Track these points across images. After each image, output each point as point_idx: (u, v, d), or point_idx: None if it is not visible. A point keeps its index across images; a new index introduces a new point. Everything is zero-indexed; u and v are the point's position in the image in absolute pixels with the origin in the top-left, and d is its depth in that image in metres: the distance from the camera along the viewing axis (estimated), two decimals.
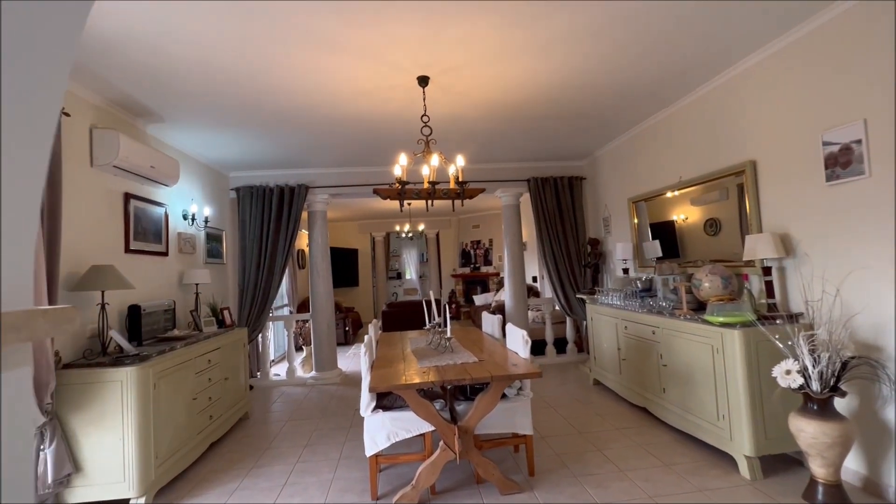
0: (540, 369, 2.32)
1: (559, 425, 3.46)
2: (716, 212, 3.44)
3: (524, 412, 2.64)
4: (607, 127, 4.27)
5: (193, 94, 3.04)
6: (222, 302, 4.76)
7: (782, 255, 2.68)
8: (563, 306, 5.40)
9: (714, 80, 3.22)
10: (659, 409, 3.31)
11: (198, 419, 3.10)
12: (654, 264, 4.23)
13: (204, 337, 3.41)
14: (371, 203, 8.12)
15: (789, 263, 2.73)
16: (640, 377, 3.57)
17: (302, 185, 5.15)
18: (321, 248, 5.38)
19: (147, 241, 3.47)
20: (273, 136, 3.99)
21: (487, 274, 10.16)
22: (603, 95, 3.44)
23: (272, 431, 3.68)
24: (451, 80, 3.01)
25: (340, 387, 5.02)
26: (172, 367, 2.82)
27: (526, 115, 3.79)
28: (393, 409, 2.55)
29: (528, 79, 3.06)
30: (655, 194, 4.09)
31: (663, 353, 3.22)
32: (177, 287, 3.89)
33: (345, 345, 7.73)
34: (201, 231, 4.40)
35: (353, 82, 2.97)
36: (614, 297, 4.04)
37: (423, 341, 3.42)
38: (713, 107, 3.31)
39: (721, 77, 3.17)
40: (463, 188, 2.79)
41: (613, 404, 3.87)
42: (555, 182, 5.43)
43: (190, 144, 4.09)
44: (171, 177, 3.54)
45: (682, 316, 3.06)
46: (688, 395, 2.95)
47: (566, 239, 5.38)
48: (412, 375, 2.38)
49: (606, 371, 4.19)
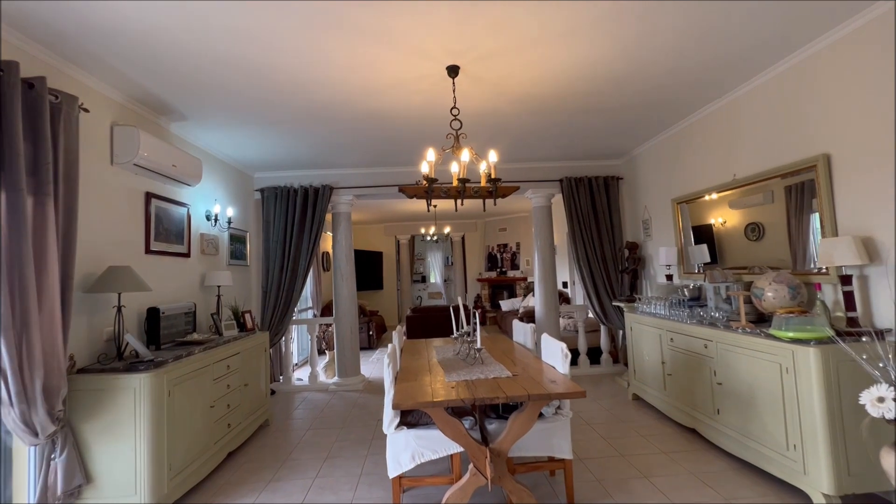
0: (583, 389, 2.06)
1: (598, 445, 3.16)
2: (758, 216, 3.24)
3: (563, 434, 2.38)
4: (650, 122, 3.96)
5: (216, 90, 2.93)
6: (244, 305, 4.68)
7: (865, 261, 2.32)
8: (598, 314, 5.07)
9: (778, 65, 2.89)
10: (712, 432, 2.97)
11: (215, 428, 2.97)
12: (700, 270, 3.88)
13: (224, 341, 3.29)
14: (396, 205, 7.98)
15: (874, 271, 2.38)
16: (688, 395, 3.23)
17: (326, 185, 5.03)
18: (345, 251, 5.24)
19: (169, 242, 3.39)
20: (297, 134, 3.87)
21: (514, 278, 9.86)
22: (651, 85, 3.15)
23: (292, 441, 3.53)
24: (483, 70, 2.79)
25: (363, 394, 4.85)
26: (189, 374, 2.69)
27: (562, 109, 3.53)
28: (418, 427, 2.34)
29: (567, 67, 2.81)
30: (704, 194, 3.74)
31: (717, 369, 2.89)
32: (198, 289, 3.81)
33: (368, 349, 7.59)
34: (224, 232, 4.32)
35: (380, 74, 2.80)
36: (658, 305, 3.71)
37: (450, 350, 3.20)
38: (777, 95, 2.96)
39: (786, 62, 2.83)
40: (496, 186, 2.56)
41: (657, 423, 3.54)
42: (589, 182, 5.12)
43: (213, 143, 4.02)
44: (194, 176, 3.46)
45: (741, 329, 2.73)
46: (749, 418, 2.62)
47: (601, 242, 5.06)
48: (439, 391, 2.16)
49: (648, 386, 3.85)
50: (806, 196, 2.81)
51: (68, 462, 2.23)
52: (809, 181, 2.76)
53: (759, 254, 3.24)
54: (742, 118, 3.29)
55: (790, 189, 2.93)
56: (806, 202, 2.82)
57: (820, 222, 2.63)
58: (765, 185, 3.14)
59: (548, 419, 2.39)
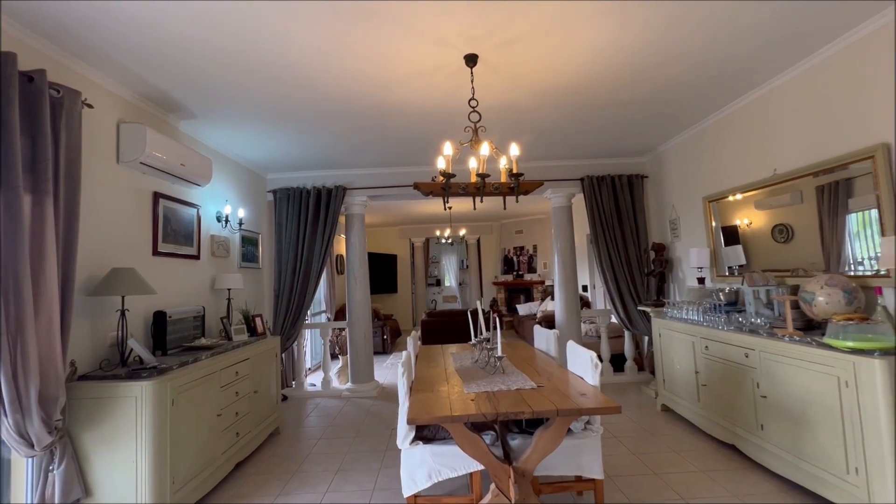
0: (617, 404, 1.85)
1: (628, 462, 2.93)
2: (785, 216, 3.12)
3: (593, 451, 2.17)
4: (680, 115, 3.72)
5: (227, 86, 2.82)
6: (256, 308, 4.57)
7: None
8: (622, 319, 4.82)
9: (825, 48, 2.64)
10: (755, 450, 2.72)
11: (222, 437, 2.84)
12: (735, 273, 3.62)
13: (233, 346, 3.17)
14: (410, 206, 7.85)
15: None
16: (726, 408, 2.98)
17: (339, 186, 4.91)
18: (359, 253, 5.11)
19: (177, 244, 3.29)
20: (310, 131, 3.75)
21: (531, 282, 9.62)
22: (683, 75, 2.93)
23: (303, 451, 3.38)
24: (503, 59, 2.62)
25: (377, 401, 4.69)
26: (195, 381, 2.56)
27: (586, 102, 3.33)
28: (435, 442, 2.16)
29: (593, 55, 2.61)
30: (739, 191, 3.48)
31: (761, 381, 2.64)
32: (208, 292, 3.71)
33: (382, 353, 7.45)
34: (236, 234, 4.22)
35: (395, 65, 2.65)
36: (690, 310, 3.46)
37: (467, 358, 3.02)
38: (824, 83, 2.72)
39: (835, 44, 2.59)
40: (517, 182, 2.37)
41: (690, 437, 3.29)
42: (612, 181, 4.89)
43: (224, 142, 3.93)
44: (204, 176, 3.36)
45: (788, 337, 2.49)
46: (800, 436, 2.37)
47: (625, 244, 4.82)
48: (458, 404, 1.98)
49: (679, 397, 3.60)
50: (841, 196, 2.67)
51: (66, 474, 2.11)
52: (845, 180, 2.62)
53: (788, 256, 3.09)
54: (783, 109, 3.05)
55: (822, 189, 2.80)
56: (841, 202, 2.67)
57: (879, 219, 2.38)
58: (793, 184, 3.00)
59: (576, 435, 2.18)
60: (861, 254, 2.56)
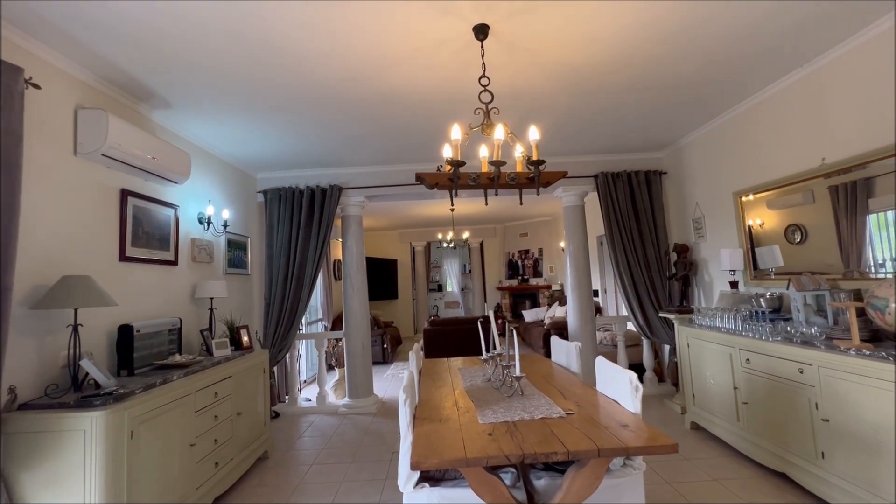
0: (674, 441, 1.49)
1: (665, 495, 2.56)
2: (798, 217, 3.05)
3: (635, 494, 1.80)
4: (708, 102, 3.37)
5: (204, 70, 2.47)
6: (244, 319, 4.20)
7: None
8: (641, 327, 4.45)
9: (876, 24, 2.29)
10: (812, 481, 2.35)
11: (197, 470, 2.47)
12: (771, 276, 3.26)
13: (213, 363, 2.81)
14: (411, 208, 7.49)
15: None
16: (775, 431, 2.61)
17: (334, 185, 4.56)
18: (356, 258, 4.75)
19: (150, 248, 2.93)
20: (301, 124, 3.40)
21: (537, 287, 9.25)
22: (717, 55, 2.59)
23: (293, 480, 3.01)
24: (517, 31, 2.27)
25: (376, 417, 4.31)
26: (162, 406, 2.19)
27: (605, 86, 2.98)
28: (444, 483, 1.79)
29: (620, 26, 2.27)
30: (780, 184, 3.13)
31: (821, 402, 2.27)
32: (188, 302, 3.34)
33: (382, 363, 7.07)
34: (220, 237, 3.87)
35: (392, 40, 2.30)
36: (725, 317, 3.09)
37: (478, 375, 2.65)
38: (880, 58, 2.37)
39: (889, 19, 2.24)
40: (538, 170, 2.01)
41: (730, 462, 2.91)
42: (628, 177, 4.54)
43: (207, 137, 3.58)
44: (180, 172, 3.01)
45: (855, 350, 2.12)
46: (875, 468, 2.00)
47: (643, 245, 4.46)
48: (474, 440, 1.61)
49: (714, 415, 3.22)
50: (860, 196, 2.60)
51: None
52: (863, 180, 2.56)
53: (802, 258, 3.02)
54: (830, 91, 2.70)
55: (835, 189, 2.75)
56: (860, 203, 2.60)
57: None
58: (805, 185, 2.94)
59: (614, 473, 1.81)
60: (882, 255, 2.48)
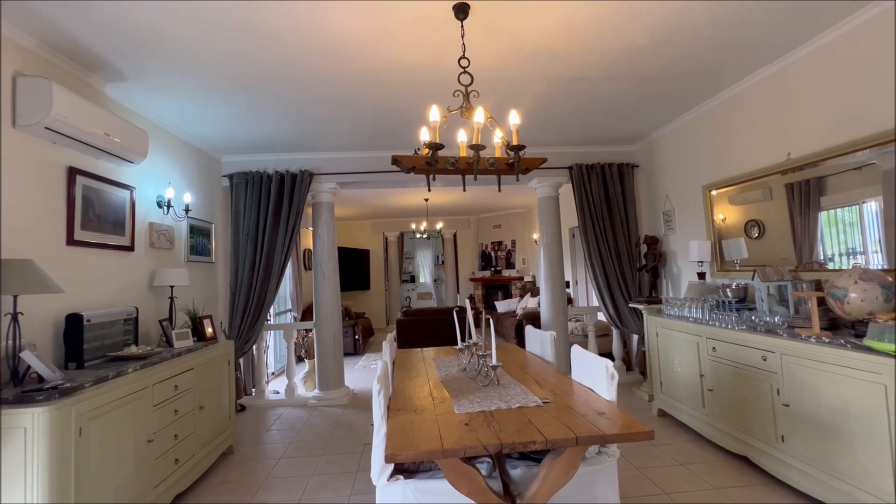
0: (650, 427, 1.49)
1: (634, 480, 2.61)
2: (757, 213, 3.21)
3: (609, 480, 1.81)
4: (682, 95, 3.42)
5: (160, 40, 2.29)
6: (207, 308, 4.01)
7: None
8: (612, 317, 4.54)
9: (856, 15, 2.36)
10: (772, 463, 2.44)
11: (155, 467, 2.33)
12: (736, 267, 3.37)
13: (173, 354, 2.65)
14: (384, 197, 7.36)
15: None
16: (738, 416, 2.70)
17: (305, 171, 4.39)
18: (327, 247, 4.61)
19: (103, 232, 2.72)
20: (270, 104, 3.23)
21: (510, 278, 9.32)
22: (690, 50, 2.61)
23: (260, 474, 2.90)
24: (498, 14, 2.21)
25: (347, 409, 4.23)
26: (115, 402, 2.04)
27: (585, 75, 2.96)
28: (419, 475, 1.74)
29: (597, 16, 2.24)
30: (746, 178, 3.22)
31: (783, 387, 2.36)
32: (145, 290, 3.14)
33: (354, 355, 6.96)
34: (182, 221, 3.65)
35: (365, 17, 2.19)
36: (693, 307, 3.17)
37: (453, 365, 2.61)
38: (847, 56, 2.44)
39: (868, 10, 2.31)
40: (518, 156, 1.97)
41: (695, 448, 3.00)
42: (602, 169, 4.58)
43: (168, 115, 3.35)
44: (136, 151, 2.80)
45: (815, 338, 2.21)
46: (833, 451, 2.09)
47: (615, 237, 4.53)
48: (451, 430, 1.57)
49: (680, 402, 3.32)
50: (812, 194, 2.75)
51: None
52: (816, 179, 2.72)
53: (761, 252, 3.18)
54: (800, 86, 2.77)
55: (791, 187, 2.89)
56: (813, 200, 2.75)
57: None
58: (764, 181, 3.09)
59: (589, 461, 1.81)
60: (831, 249, 2.66)
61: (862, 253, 2.50)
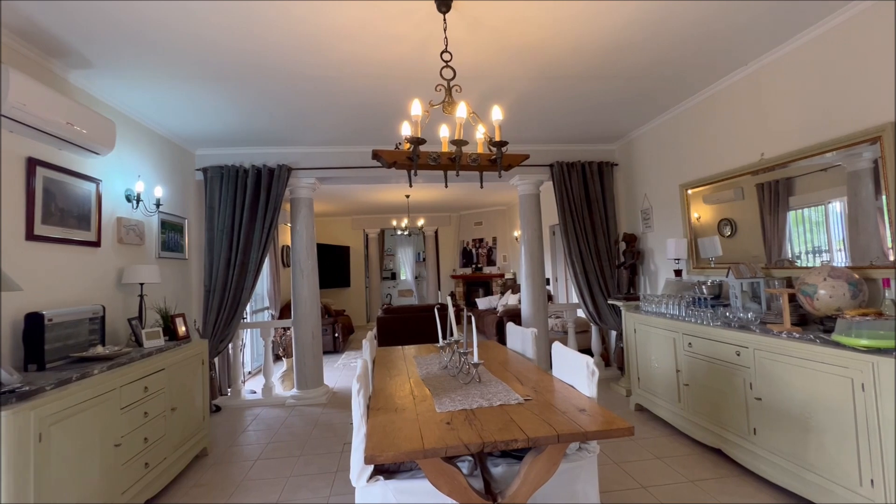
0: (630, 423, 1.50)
1: (611, 473, 2.64)
2: (730, 212, 3.30)
3: (589, 477, 1.82)
4: (661, 95, 3.47)
5: (127, 25, 2.18)
6: (179, 307, 3.88)
7: None
8: (591, 314, 4.59)
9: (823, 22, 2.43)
10: (744, 455, 2.51)
11: (124, 472, 2.23)
12: (711, 265, 3.45)
13: (143, 354, 2.55)
14: (365, 193, 7.27)
15: None
16: (712, 410, 2.77)
17: (283, 165, 4.29)
18: (306, 243, 4.51)
19: (66, 226, 2.59)
20: (246, 96, 3.13)
21: (491, 275, 9.35)
22: (670, 51, 2.64)
23: (235, 477, 2.82)
24: (481, 8, 2.18)
25: (327, 408, 4.16)
26: (79, 405, 1.95)
27: (569, 73, 2.97)
28: (399, 475, 1.72)
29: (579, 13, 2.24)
30: (722, 178, 3.29)
31: (756, 382, 2.42)
32: (113, 288, 3.01)
33: (333, 353, 6.86)
34: (152, 216, 3.52)
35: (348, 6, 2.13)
36: (671, 304, 3.23)
37: (434, 362, 2.59)
38: (827, 56, 2.51)
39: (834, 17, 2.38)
40: (501, 152, 1.96)
41: (671, 441, 3.06)
42: (582, 167, 4.62)
43: (136, 105, 3.21)
44: (103, 142, 2.67)
45: (786, 333, 2.27)
46: (802, 443, 2.15)
47: (595, 234, 4.58)
48: (431, 429, 1.54)
49: (657, 397, 3.38)
50: (781, 194, 2.84)
51: None
52: (785, 179, 2.81)
53: (733, 250, 3.27)
54: (776, 87, 2.84)
55: (762, 187, 2.98)
56: (782, 200, 2.84)
57: (886, 205, 2.19)
58: (737, 181, 3.17)
59: (570, 457, 1.82)
60: (799, 248, 2.77)
61: (827, 251, 2.59)
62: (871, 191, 2.31)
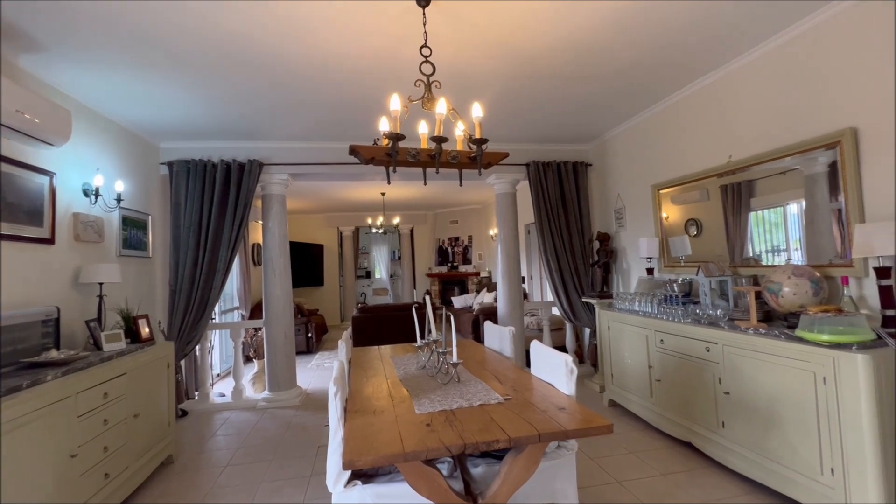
0: (609, 421, 1.51)
1: (587, 468, 2.68)
2: (696, 212, 3.41)
3: (567, 475, 1.83)
4: (632, 97, 3.54)
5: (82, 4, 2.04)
6: (143, 307, 3.69)
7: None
8: (566, 311, 4.66)
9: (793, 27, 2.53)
10: (714, 448, 2.59)
11: (81, 484, 2.10)
12: (681, 263, 3.55)
13: (101, 359, 2.40)
14: (339, 190, 7.14)
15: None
16: (683, 405, 2.84)
17: (254, 160, 4.15)
18: (278, 241, 4.39)
19: (15, 222, 2.41)
20: (214, 86, 3.00)
21: (466, 273, 9.37)
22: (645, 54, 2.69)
23: (203, 485, 2.70)
24: (462, 4, 2.16)
25: (300, 411, 4.06)
26: (29, 415, 1.82)
27: (546, 72, 2.98)
28: (377, 479, 1.68)
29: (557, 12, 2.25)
30: (692, 179, 3.39)
31: (724, 377, 2.50)
32: (69, 288, 2.83)
33: (307, 353, 6.71)
34: (113, 212, 3.33)
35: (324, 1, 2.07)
36: (643, 302, 3.31)
37: (412, 362, 2.55)
38: (790, 64, 2.61)
39: (798, 27, 2.48)
40: (481, 149, 1.94)
41: (643, 436, 3.13)
42: (558, 167, 4.68)
43: (96, 94, 3.02)
44: (57, 132, 2.50)
45: (753, 330, 2.35)
46: (767, 435, 2.24)
47: (570, 233, 4.64)
48: (410, 431, 1.51)
49: (629, 392, 3.46)
50: (743, 196, 2.96)
51: None
52: (747, 182, 2.92)
53: (700, 249, 3.38)
54: (744, 91, 2.94)
55: (725, 188, 3.09)
56: (744, 202, 2.96)
57: (844, 206, 2.30)
58: (703, 183, 3.27)
59: (549, 455, 1.82)
60: (759, 247, 2.89)
61: (785, 250, 2.71)
62: (826, 193, 2.42)
